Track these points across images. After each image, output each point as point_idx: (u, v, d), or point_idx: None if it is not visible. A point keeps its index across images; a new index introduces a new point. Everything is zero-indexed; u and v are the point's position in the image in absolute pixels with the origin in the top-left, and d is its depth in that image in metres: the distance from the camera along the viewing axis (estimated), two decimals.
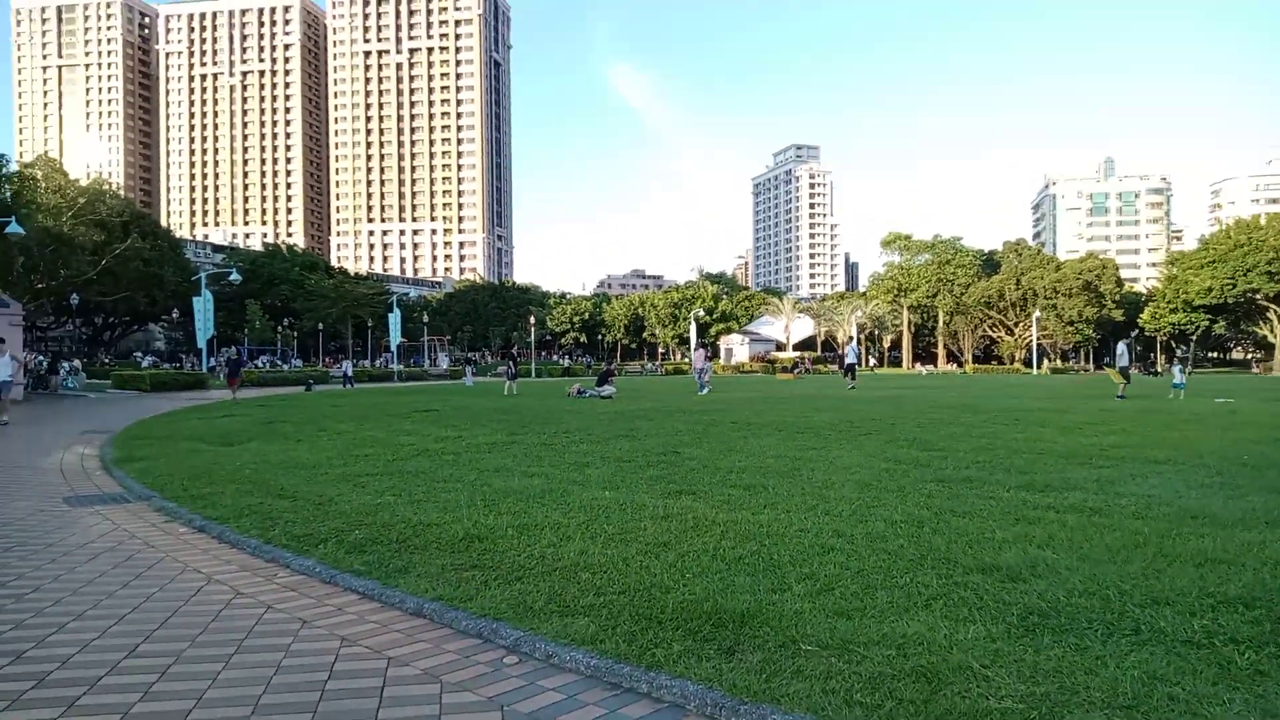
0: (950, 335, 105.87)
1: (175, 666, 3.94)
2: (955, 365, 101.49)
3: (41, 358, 48.95)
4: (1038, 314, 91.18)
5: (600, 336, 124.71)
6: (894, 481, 8.42)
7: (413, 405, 22.82)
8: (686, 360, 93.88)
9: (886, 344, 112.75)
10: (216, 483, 9.12)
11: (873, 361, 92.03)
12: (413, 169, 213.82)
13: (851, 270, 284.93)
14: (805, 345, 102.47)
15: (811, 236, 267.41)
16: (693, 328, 78.55)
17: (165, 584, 5.44)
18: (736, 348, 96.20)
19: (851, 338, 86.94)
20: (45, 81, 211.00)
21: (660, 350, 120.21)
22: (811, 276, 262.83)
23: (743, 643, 3.97)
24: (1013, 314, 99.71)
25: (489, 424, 16.10)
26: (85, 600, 5.07)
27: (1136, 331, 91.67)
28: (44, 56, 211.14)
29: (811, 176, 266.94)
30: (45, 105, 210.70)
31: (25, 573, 5.72)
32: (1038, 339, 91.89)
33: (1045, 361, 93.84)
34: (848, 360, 36.87)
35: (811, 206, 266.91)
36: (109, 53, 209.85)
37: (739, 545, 5.82)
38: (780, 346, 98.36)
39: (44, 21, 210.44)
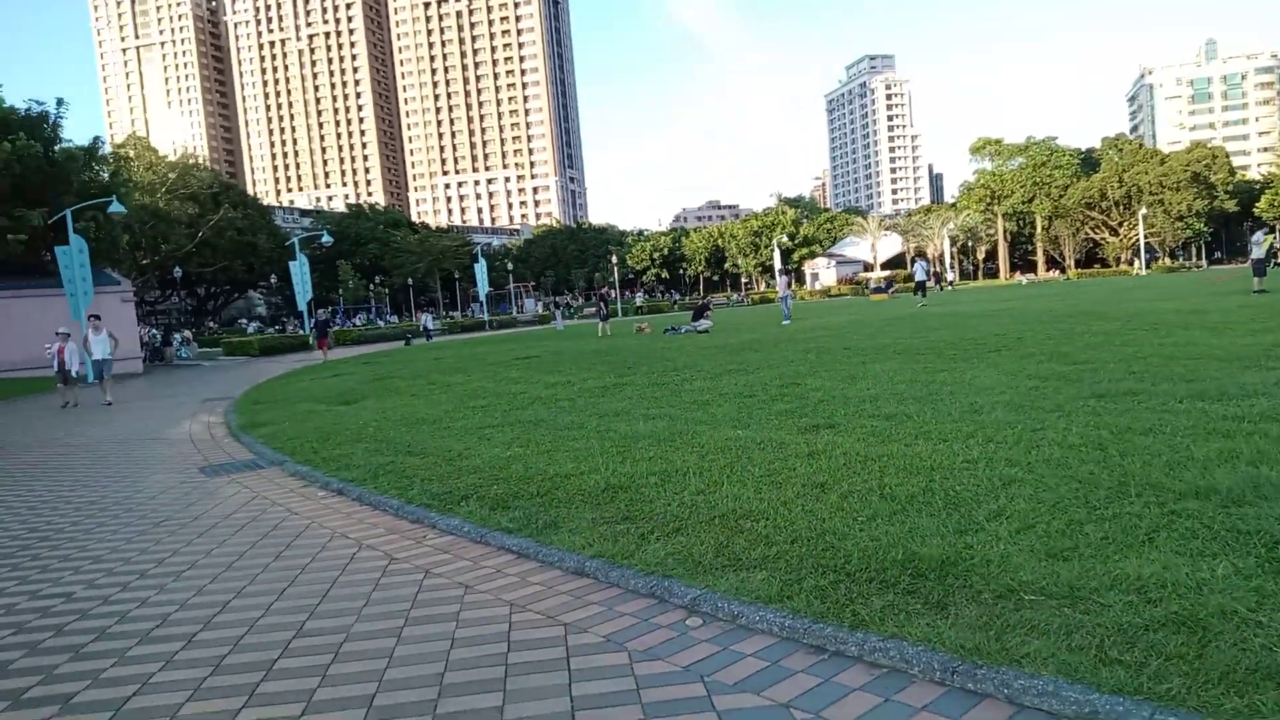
0: (1050, 241, 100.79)
1: (347, 645, 3.79)
2: (1058, 272, 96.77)
3: (155, 330, 51.33)
4: (1144, 211, 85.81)
5: (681, 271, 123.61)
6: (1048, 400, 7.80)
7: (511, 353, 22.89)
8: (773, 289, 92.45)
9: (981, 255, 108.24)
10: (344, 443, 9.14)
11: (951, 276, 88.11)
12: (481, 118, 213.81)
13: (936, 182, 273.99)
14: (893, 263, 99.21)
15: (891, 151, 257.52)
16: (776, 255, 76.90)
17: (316, 553, 5.36)
18: (822, 271, 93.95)
19: (923, 254, 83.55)
20: (126, 64, 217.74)
21: (743, 280, 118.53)
22: (894, 192, 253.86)
23: (953, 594, 3.57)
24: (1116, 213, 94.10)
25: (593, 367, 15.91)
26: (241, 575, 5.02)
27: (1250, 221, 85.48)
28: (122, 39, 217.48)
29: (888, 87, 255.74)
30: (128, 87, 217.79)
31: (178, 548, 5.74)
32: (1145, 238, 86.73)
33: (1154, 261, 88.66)
34: (916, 277, 36.37)
35: (890, 119, 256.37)
36: (181, 29, 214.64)
37: (906, 481, 5.39)
38: (868, 267, 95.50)
39: (118, 5, 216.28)
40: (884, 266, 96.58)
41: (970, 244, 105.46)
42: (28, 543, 6.15)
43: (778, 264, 77.13)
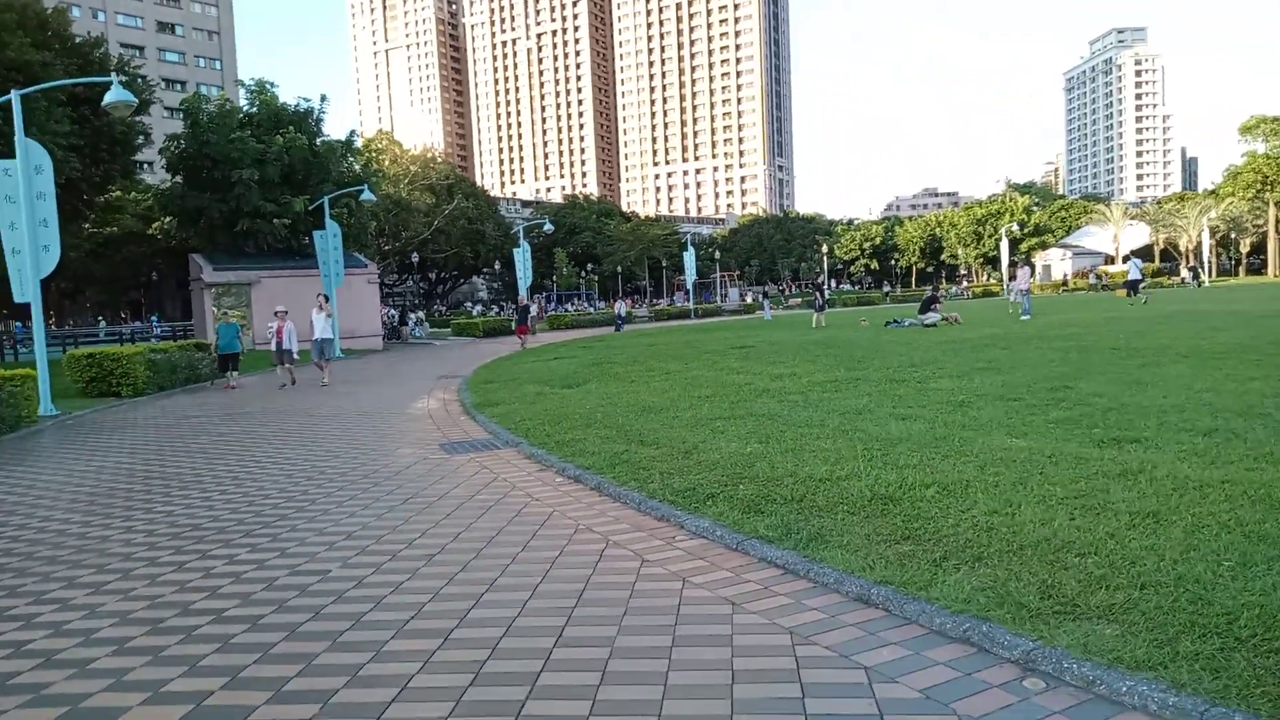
0: None
1: (614, 663, 3.35)
2: None
3: (393, 311, 55.59)
4: None
5: (892, 261, 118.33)
6: None
7: (723, 342, 22.41)
8: (995, 281, 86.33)
9: (1245, 249, 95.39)
10: (575, 427, 8.97)
11: (1194, 276, 77.68)
12: (694, 108, 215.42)
13: (1189, 167, 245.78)
14: (1140, 256, 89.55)
15: (1139, 132, 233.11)
16: (1003, 244, 71.34)
17: (563, 546, 5.04)
18: (1055, 263, 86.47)
19: (1130, 254, 74.11)
20: (375, 65, 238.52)
21: (961, 272, 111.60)
22: (1139, 179, 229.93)
23: None
24: None
25: (816, 360, 15.07)
26: (490, 565, 4.77)
27: None
28: (373, 43, 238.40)
29: (1137, 63, 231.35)
30: (377, 86, 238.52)
31: (426, 529, 5.63)
32: None
33: None
34: (1130, 276, 32.70)
35: (1138, 98, 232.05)
36: (424, 32, 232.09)
37: (1269, 517, 4.28)
38: (1109, 259, 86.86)
39: (371, 11, 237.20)
40: (1128, 260, 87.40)
41: (1234, 235, 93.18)
42: (285, 513, 6.32)
43: (1005, 255, 71.81)
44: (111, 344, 32.63)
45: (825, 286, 35.08)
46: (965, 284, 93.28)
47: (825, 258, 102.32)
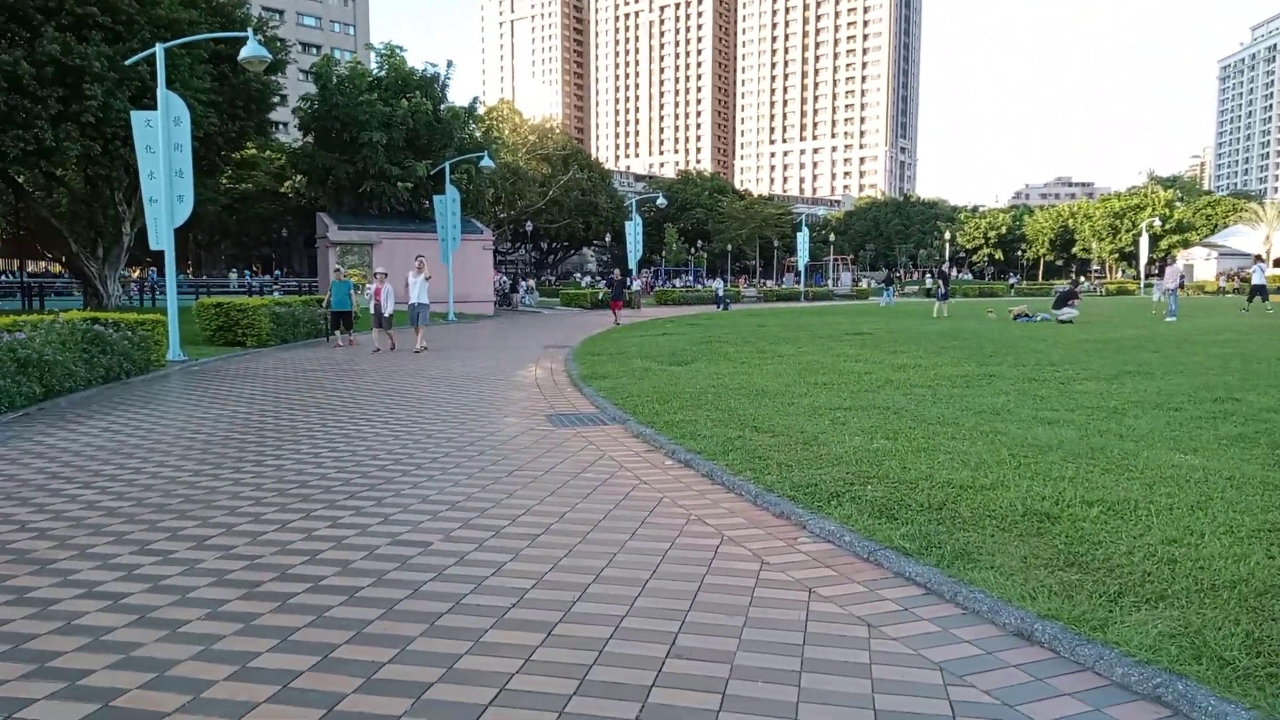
0: None
1: (734, 685, 2.95)
2: None
3: (504, 278, 56.48)
4: None
5: (1019, 253, 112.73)
6: None
7: (838, 327, 21.59)
8: (1131, 279, 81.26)
9: None
10: (684, 407, 8.59)
11: None
12: (815, 85, 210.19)
13: None
14: None
15: None
16: (1143, 240, 66.77)
17: (674, 538, 4.66)
18: (1199, 263, 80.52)
19: (1260, 256, 67.35)
20: (500, 36, 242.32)
21: (1093, 268, 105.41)
22: None
23: None
24: None
25: (943, 351, 14.20)
26: (597, 552, 4.44)
27: None
28: (500, 13, 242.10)
29: None
30: (501, 57, 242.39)
31: (531, 505, 5.36)
32: None
33: None
34: (1255, 280, 29.25)
35: None
36: (549, 2, 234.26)
37: None
38: (1259, 260, 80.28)
39: None
40: (1258, 260, 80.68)
41: None
42: (391, 476, 6.18)
43: (1144, 251, 67.37)
44: (241, 295, 34.24)
45: (948, 275, 33.34)
46: (1098, 280, 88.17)
47: (947, 245, 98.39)
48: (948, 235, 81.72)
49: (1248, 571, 3.74)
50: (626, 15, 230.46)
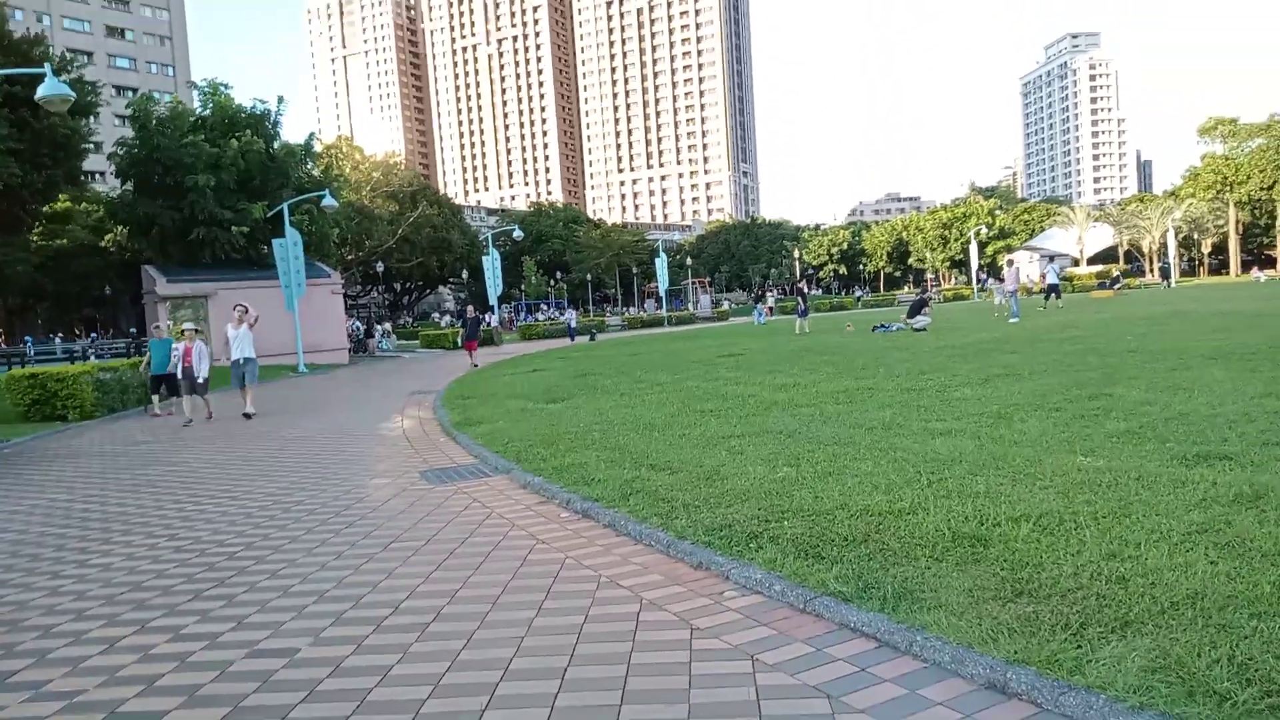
0: None
1: None
2: None
3: (358, 323, 54.12)
4: None
5: (860, 266, 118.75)
6: None
7: (709, 350, 21.58)
8: (963, 285, 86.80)
9: (1206, 249, 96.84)
10: (572, 448, 8.03)
11: (1165, 276, 78.71)
12: (657, 114, 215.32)
13: (1144, 170, 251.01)
14: (1104, 258, 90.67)
15: (1094, 136, 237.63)
16: (973, 247, 71.73)
17: (587, 608, 4.10)
18: (1023, 265, 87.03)
19: (1053, 257, 74.50)
20: (334, 72, 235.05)
21: (928, 276, 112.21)
22: (1096, 181, 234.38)
23: None
24: None
25: (816, 368, 14.27)
26: (502, 638, 3.82)
27: None
28: (331, 49, 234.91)
29: (1092, 68, 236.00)
30: (336, 94, 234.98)
31: (414, 585, 4.67)
32: None
33: None
34: (1049, 280, 32.50)
35: (1093, 102, 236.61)
36: (382, 38, 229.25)
37: None
38: (1074, 261, 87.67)
39: (329, 17, 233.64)
40: (1091, 261, 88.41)
41: (1195, 236, 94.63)
42: (244, 564, 5.31)
43: (973, 259, 72.14)
44: (62, 363, 31.02)
45: (806, 292, 34.30)
46: (935, 288, 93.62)
47: (796, 263, 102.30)
48: (796, 254, 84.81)
49: (1200, 584, 3.55)
50: (464, 49, 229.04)
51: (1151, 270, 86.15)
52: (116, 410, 16.86)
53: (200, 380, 14.29)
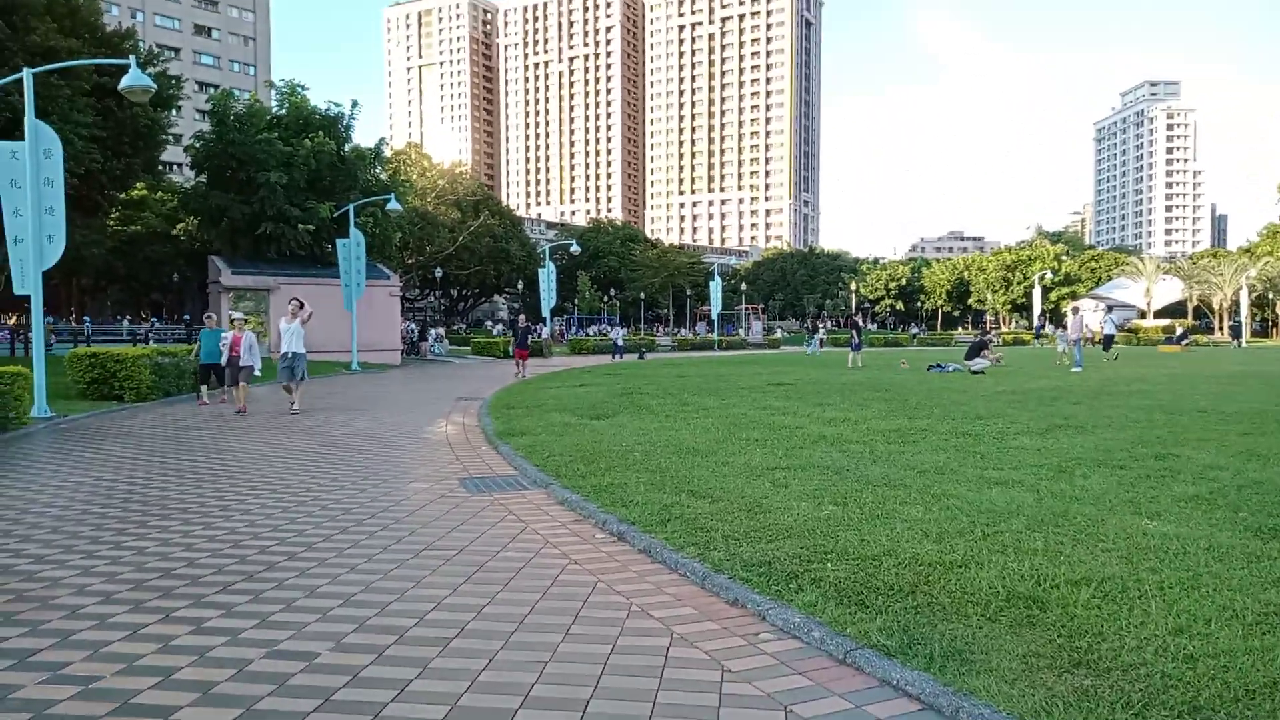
0: None
1: None
2: None
3: (413, 326, 54.91)
4: None
5: (919, 303, 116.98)
6: None
7: (758, 377, 21.32)
8: (1026, 329, 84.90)
9: None
10: (613, 468, 7.90)
11: (1235, 335, 75.71)
12: (722, 139, 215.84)
13: (1219, 225, 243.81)
14: (1171, 312, 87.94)
15: (1169, 186, 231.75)
16: (1036, 291, 70.31)
17: (615, 637, 3.95)
18: (1088, 314, 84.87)
19: (1111, 308, 72.23)
20: (409, 81, 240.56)
21: (988, 318, 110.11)
22: (1168, 233, 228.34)
23: None
24: None
25: (868, 403, 13.95)
26: (525, 661, 3.68)
27: None
28: (407, 59, 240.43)
29: (1169, 117, 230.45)
30: (409, 102, 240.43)
31: (442, 597, 4.56)
32: None
33: None
34: (1105, 331, 33.20)
35: (1169, 152, 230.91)
36: (458, 50, 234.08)
37: None
38: (1141, 314, 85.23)
39: (407, 27, 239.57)
40: (1158, 314, 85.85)
41: (1270, 296, 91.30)
42: (275, 559, 5.27)
43: (1038, 302, 70.55)
44: (125, 344, 31.96)
45: (861, 325, 33.79)
46: (995, 330, 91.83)
47: (852, 295, 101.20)
48: (853, 286, 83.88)
49: (1278, 673, 3.26)
50: (536, 65, 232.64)
51: (1221, 328, 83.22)
52: (171, 395, 17.21)
53: (249, 370, 14.45)
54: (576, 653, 3.76)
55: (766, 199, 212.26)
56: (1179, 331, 60.14)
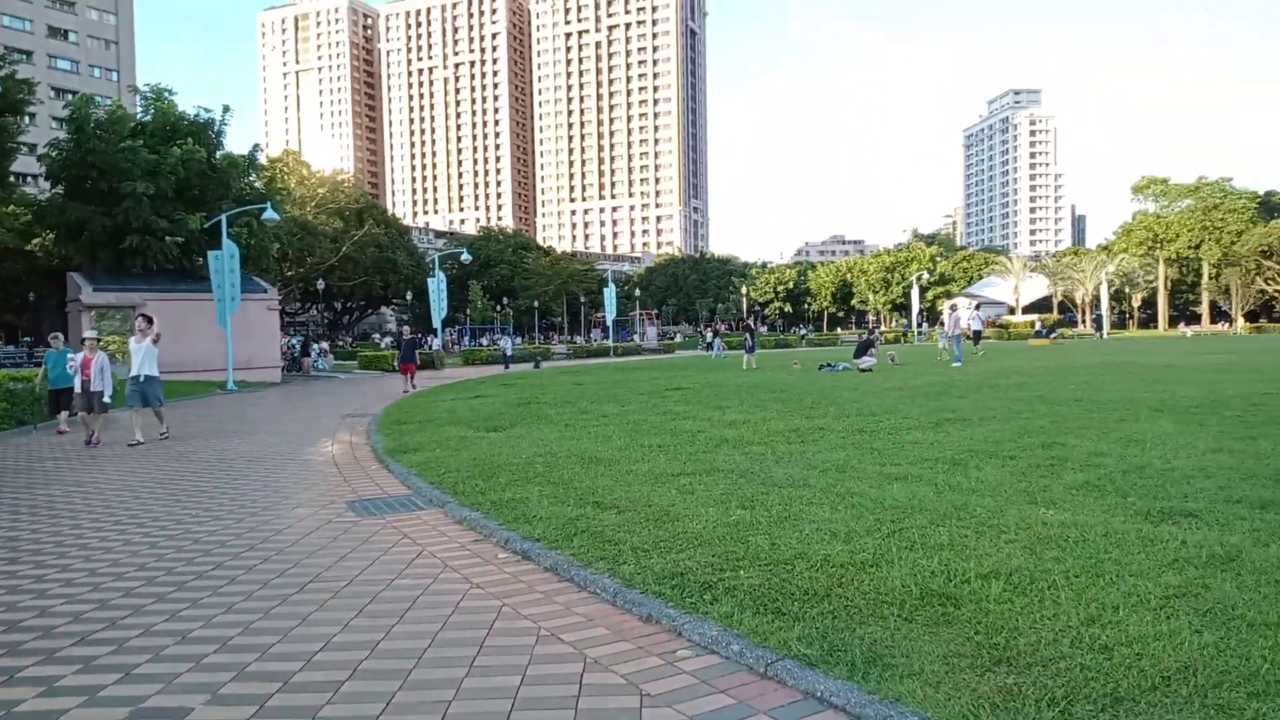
0: (1219, 290, 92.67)
1: None
2: (1225, 324, 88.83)
3: (294, 341, 52.66)
4: None
5: (806, 305, 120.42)
6: None
7: (655, 382, 21.29)
8: (903, 328, 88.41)
9: (1136, 303, 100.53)
10: (512, 482, 7.60)
11: (1098, 327, 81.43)
12: (611, 146, 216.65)
13: (1079, 224, 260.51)
14: (1038, 307, 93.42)
15: (1032, 190, 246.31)
16: (914, 292, 73.22)
17: (525, 667, 3.69)
18: (962, 311, 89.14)
19: (979, 305, 77.18)
20: (285, 87, 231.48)
21: (870, 318, 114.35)
22: (1032, 233, 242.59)
23: None
24: None
25: (765, 405, 14.05)
26: (427, 703, 3.38)
27: None
28: (284, 64, 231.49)
29: (1032, 123, 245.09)
30: (286, 109, 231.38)
31: (331, 634, 4.19)
32: None
33: None
34: (974, 327, 33.22)
35: (1032, 157, 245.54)
36: (337, 55, 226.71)
37: None
38: (1010, 310, 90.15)
39: (283, 32, 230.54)
40: (1027, 310, 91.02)
41: (1127, 290, 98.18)
42: (141, 603, 4.77)
43: (915, 302, 73.60)
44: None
45: (754, 328, 34.37)
46: (877, 329, 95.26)
47: (744, 299, 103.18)
48: (743, 290, 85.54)
49: (1189, 656, 3.30)
50: (420, 71, 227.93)
51: (1084, 321, 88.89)
52: (26, 423, 15.81)
53: (99, 395, 12.76)
54: (483, 688, 3.49)
55: (657, 205, 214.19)
56: (1044, 326, 63.71)
